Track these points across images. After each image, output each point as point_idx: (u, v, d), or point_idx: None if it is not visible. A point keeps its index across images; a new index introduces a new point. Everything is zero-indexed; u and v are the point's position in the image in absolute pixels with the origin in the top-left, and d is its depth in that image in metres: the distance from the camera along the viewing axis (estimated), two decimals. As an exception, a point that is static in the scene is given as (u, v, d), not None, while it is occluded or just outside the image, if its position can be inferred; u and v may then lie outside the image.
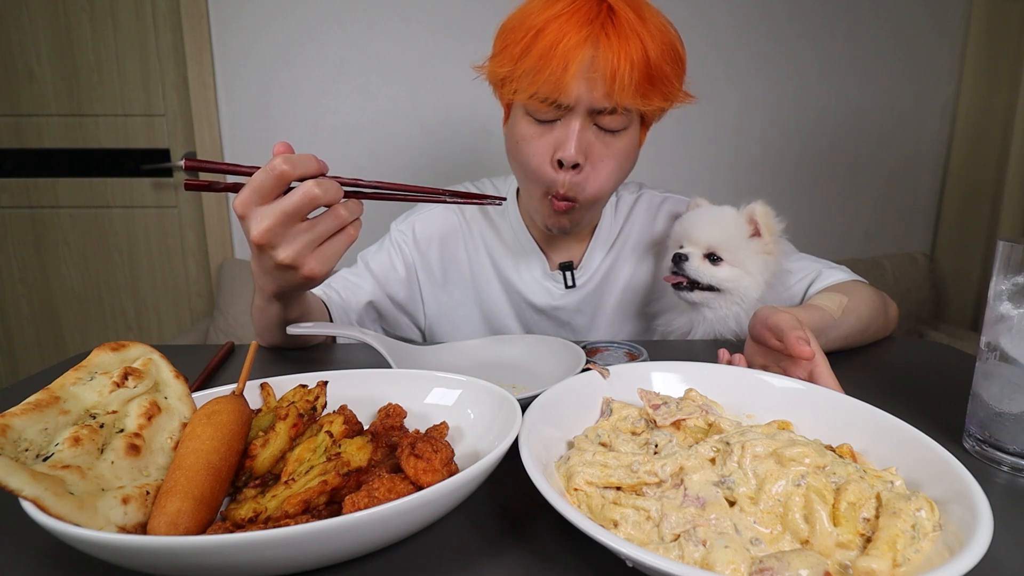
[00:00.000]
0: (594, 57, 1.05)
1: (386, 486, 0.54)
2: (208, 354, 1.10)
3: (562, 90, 1.07)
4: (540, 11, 1.06)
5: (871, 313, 1.17)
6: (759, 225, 1.24)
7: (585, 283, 1.41)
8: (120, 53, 2.88)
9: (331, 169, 0.85)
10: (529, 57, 1.06)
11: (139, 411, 0.59)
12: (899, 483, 0.56)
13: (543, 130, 1.15)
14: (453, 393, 0.75)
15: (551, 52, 1.04)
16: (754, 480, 0.55)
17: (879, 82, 3.04)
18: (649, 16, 1.08)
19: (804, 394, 0.74)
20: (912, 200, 3.22)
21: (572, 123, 1.11)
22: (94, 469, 0.52)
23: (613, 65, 1.04)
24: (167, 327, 3.18)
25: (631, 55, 1.04)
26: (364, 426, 0.70)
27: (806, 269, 1.29)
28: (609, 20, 1.05)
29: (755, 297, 1.22)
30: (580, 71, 1.05)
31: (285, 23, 2.78)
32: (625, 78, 1.05)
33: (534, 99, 1.10)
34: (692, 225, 1.27)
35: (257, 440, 0.62)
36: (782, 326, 0.88)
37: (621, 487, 0.57)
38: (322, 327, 1.03)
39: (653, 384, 0.78)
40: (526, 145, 1.17)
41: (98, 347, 0.65)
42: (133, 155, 2.98)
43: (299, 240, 0.84)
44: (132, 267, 3.11)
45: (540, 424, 0.64)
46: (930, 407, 0.89)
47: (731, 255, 1.23)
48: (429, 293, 1.46)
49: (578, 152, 1.12)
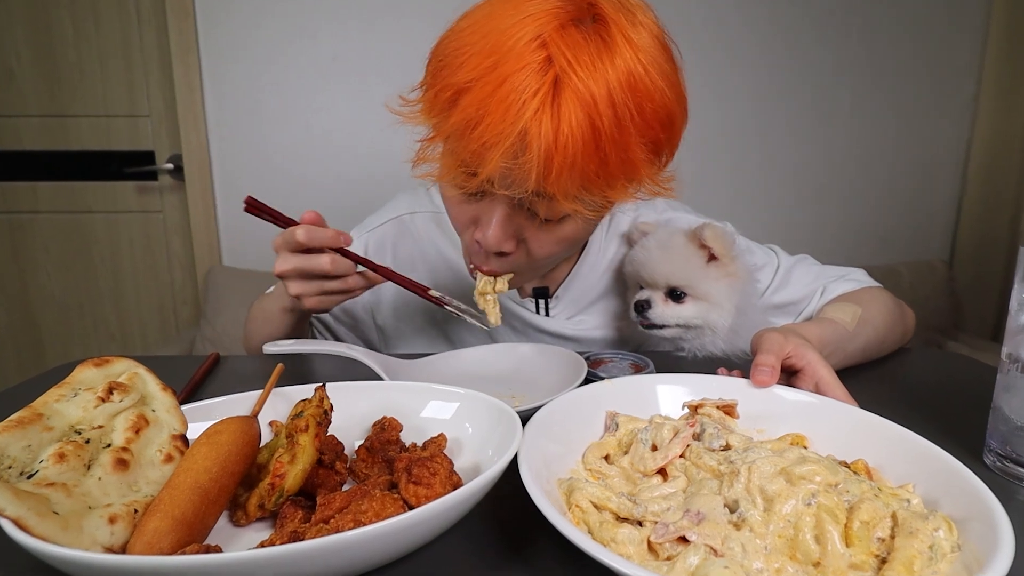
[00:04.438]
0: (524, 137, 0.81)
1: (375, 508, 0.55)
2: (195, 365, 1.11)
3: (483, 170, 0.85)
4: (469, 60, 0.83)
5: (888, 322, 1.16)
6: (712, 250, 1.17)
7: (562, 312, 1.32)
8: (103, 51, 2.88)
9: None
10: (450, 121, 0.85)
11: (126, 425, 0.60)
12: (916, 501, 0.57)
13: (467, 198, 0.99)
14: (450, 406, 0.76)
15: (470, 129, 0.83)
16: (762, 501, 0.55)
17: (895, 81, 3.03)
18: (628, 77, 0.82)
19: (817, 408, 0.75)
20: (930, 204, 3.21)
21: (497, 206, 0.95)
22: (81, 486, 0.53)
23: (547, 147, 0.80)
24: (152, 337, 3.17)
25: (572, 135, 0.80)
26: (355, 443, 0.70)
27: (811, 284, 1.26)
28: (553, 88, 0.80)
29: (726, 326, 1.19)
30: (505, 153, 0.82)
31: (275, 19, 2.78)
32: (562, 165, 0.82)
33: (456, 170, 0.91)
34: (643, 265, 1.20)
35: (283, 457, 0.62)
36: (757, 348, 0.89)
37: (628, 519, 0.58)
38: (303, 344, 1.03)
39: (659, 397, 0.78)
40: (450, 206, 1.05)
41: (81, 363, 0.66)
42: (116, 157, 2.97)
43: (306, 287, 1.03)
44: (115, 275, 3.10)
45: (541, 439, 0.64)
46: (949, 421, 0.89)
47: (693, 289, 1.18)
48: (378, 311, 1.37)
49: (502, 240, 0.97)
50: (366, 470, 0.69)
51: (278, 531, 0.57)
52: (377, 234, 1.36)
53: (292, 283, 1.03)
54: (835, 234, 3.17)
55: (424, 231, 1.35)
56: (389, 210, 1.39)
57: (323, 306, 1.08)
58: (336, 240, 1.01)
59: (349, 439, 0.74)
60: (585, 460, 0.69)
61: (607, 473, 0.66)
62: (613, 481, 0.65)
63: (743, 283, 1.19)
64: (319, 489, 0.64)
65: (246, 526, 0.61)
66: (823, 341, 1.00)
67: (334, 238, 1.01)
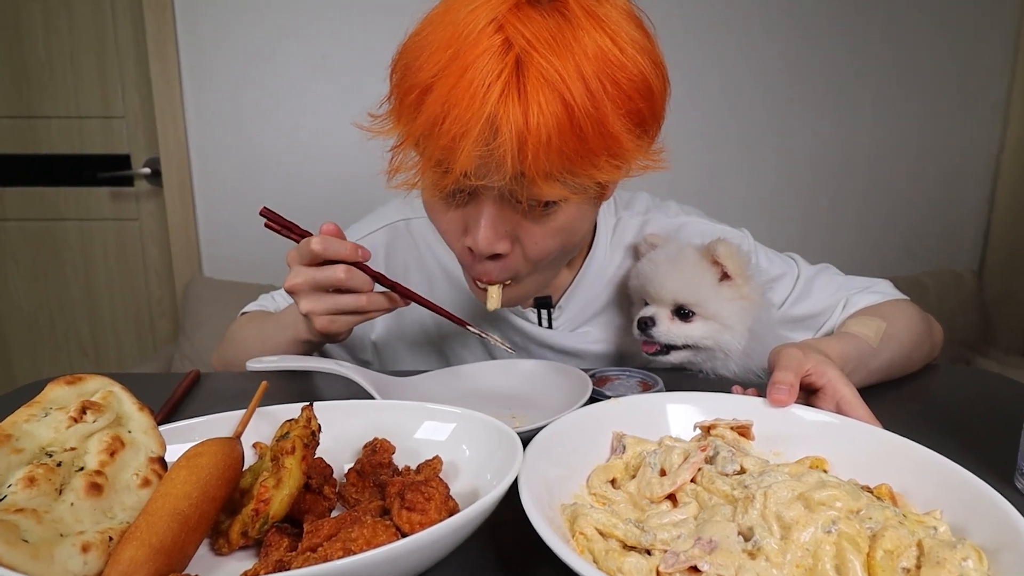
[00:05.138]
0: (494, 121, 0.83)
1: (366, 536, 0.55)
2: (174, 383, 1.10)
3: (459, 164, 0.86)
4: (430, 57, 0.86)
5: (915, 338, 1.16)
6: (725, 268, 1.16)
7: (566, 323, 1.32)
8: (74, 46, 2.89)
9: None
10: (418, 122, 0.88)
11: (100, 447, 0.60)
12: (943, 529, 0.57)
13: (451, 204, 1.00)
14: (446, 427, 0.76)
15: (444, 118, 0.84)
16: (779, 529, 0.55)
17: (921, 82, 3.03)
18: (596, 50, 0.85)
19: (838, 429, 0.75)
20: (958, 212, 3.21)
21: (484, 204, 0.96)
22: (52, 512, 0.53)
23: (520, 127, 0.82)
24: (127, 353, 3.17)
25: (545, 112, 0.82)
26: (344, 466, 0.70)
27: (833, 296, 1.26)
28: (516, 70, 0.83)
29: (739, 349, 1.18)
30: (476, 140, 0.84)
31: (261, 12, 2.78)
32: (539, 143, 0.83)
33: (434, 170, 0.92)
34: (650, 279, 1.19)
35: (268, 481, 0.62)
36: (775, 365, 0.89)
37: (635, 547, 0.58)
38: (289, 360, 1.03)
39: (669, 417, 0.79)
40: (437, 218, 1.05)
41: (52, 381, 0.66)
42: (89, 161, 2.97)
43: (317, 302, 1.01)
44: (88, 286, 3.10)
45: (543, 462, 0.65)
46: (978, 443, 0.89)
47: (702, 308, 1.17)
48: (374, 324, 1.37)
49: (495, 240, 0.97)
50: (356, 495, 0.69)
51: (262, 560, 0.57)
52: (367, 243, 1.32)
53: (304, 299, 1.02)
54: (855, 242, 3.16)
55: (421, 237, 1.34)
56: (379, 217, 1.38)
57: (335, 328, 1.04)
58: (354, 253, 1.00)
59: (338, 462, 0.74)
60: (590, 484, 0.69)
61: (613, 498, 0.66)
62: (619, 507, 0.65)
63: (757, 307, 1.18)
64: (306, 515, 0.64)
65: (228, 555, 0.61)
66: (844, 358, 1.00)
67: (352, 250, 0.99)
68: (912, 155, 3.10)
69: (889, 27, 2.96)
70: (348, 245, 0.99)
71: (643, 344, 1.21)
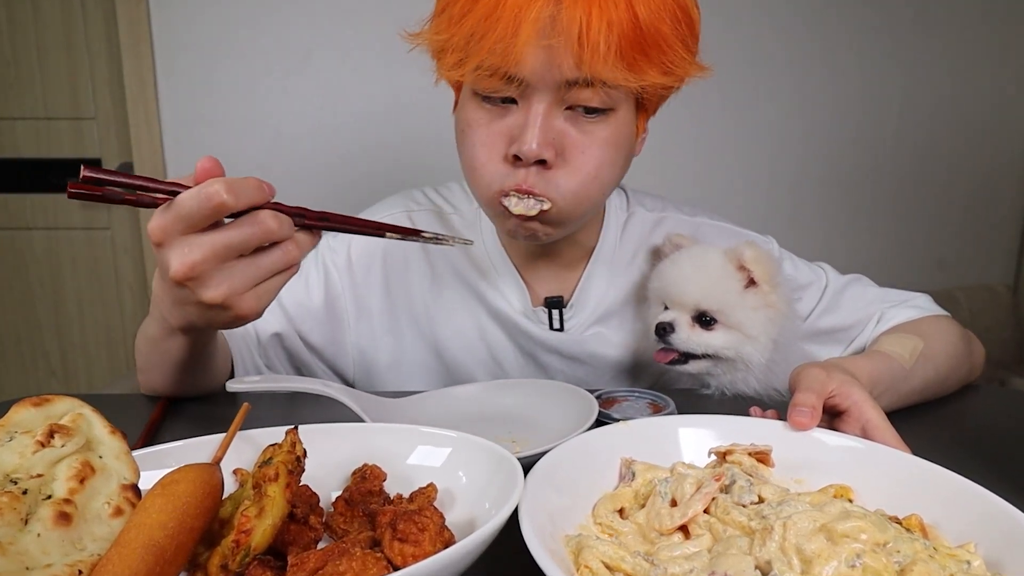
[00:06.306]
0: (555, 15, 0.92)
1: (355, 569, 0.55)
2: (149, 406, 1.10)
3: (513, 60, 0.95)
4: None
5: (953, 360, 1.16)
6: (752, 274, 1.17)
7: (577, 325, 1.31)
8: (42, 45, 2.90)
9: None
10: (470, 18, 0.94)
11: (69, 473, 0.59)
12: (977, 563, 0.57)
13: (496, 114, 1.05)
14: (441, 452, 0.76)
15: (497, 10, 0.92)
16: (799, 563, 0.55)
17: (952, 79, 3.03)
18: None
19: (864, 454, 0.75)
20: (993, 221, 3.21)
21: (533, 105, 1.01)
22: (17, 544, 0.52)
23: (582, 24, 0.91)
24: (98, 373, 3.16)
25: (608, 10, 0.91)
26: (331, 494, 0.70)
27: (866, 309, 1.26)
28: None
29: (762, 362, 1.18)
30: (537, 34, 0.93)
31: (240, 9, 2.79)
32: (600, 41, 0.92)
33: (479, 73, 0.99)
34: (672, 282, 1.20)
35: (250, 510, 0.60)
36: (796, 385, 0.89)
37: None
38: (272, 381, 1.03)
39: (681, 442, 0.78)
40: (472, 132, 1.08)
41: (17, 403, 0.66)
42: (57, 166, 2.99)
43: (235, 277, 0.78)
44: (56, 301, 3.11)
45: (545, 489, 0.65)
46: (1015, 470, 0.89)
47: (725, 316, 1.17)
48: (361, 334, 1.34)
49: (543, 144, 1.01)
50: (344, 525, 0.69)
51: (243, 596, 0.57)
52: (364, 239, 1.32)
53: (212, 281, 0.77)
54: (881, 254, 3.16)
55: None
56: (382, 209, 1.38)
57: (264, 303, 0.83)
58: (261, 191, 0.79)
59: (325, 490, 0.74)
60: (596, 514, 0.69)
61: (621, 529, 0.66)
62: (628, 538, 0.65)
63: (783, 317, 1.18)
64: (291, 547, 0.64)
65: (207, 590, 0.61)
66: (874, 378, 1.00)
67: (259, 187, 0.79)
68: (942, 157, 3.10)
69: (921, 19, 2.96)
70: (253, 181, 0.79)
71: (658, 353, 1.21)
